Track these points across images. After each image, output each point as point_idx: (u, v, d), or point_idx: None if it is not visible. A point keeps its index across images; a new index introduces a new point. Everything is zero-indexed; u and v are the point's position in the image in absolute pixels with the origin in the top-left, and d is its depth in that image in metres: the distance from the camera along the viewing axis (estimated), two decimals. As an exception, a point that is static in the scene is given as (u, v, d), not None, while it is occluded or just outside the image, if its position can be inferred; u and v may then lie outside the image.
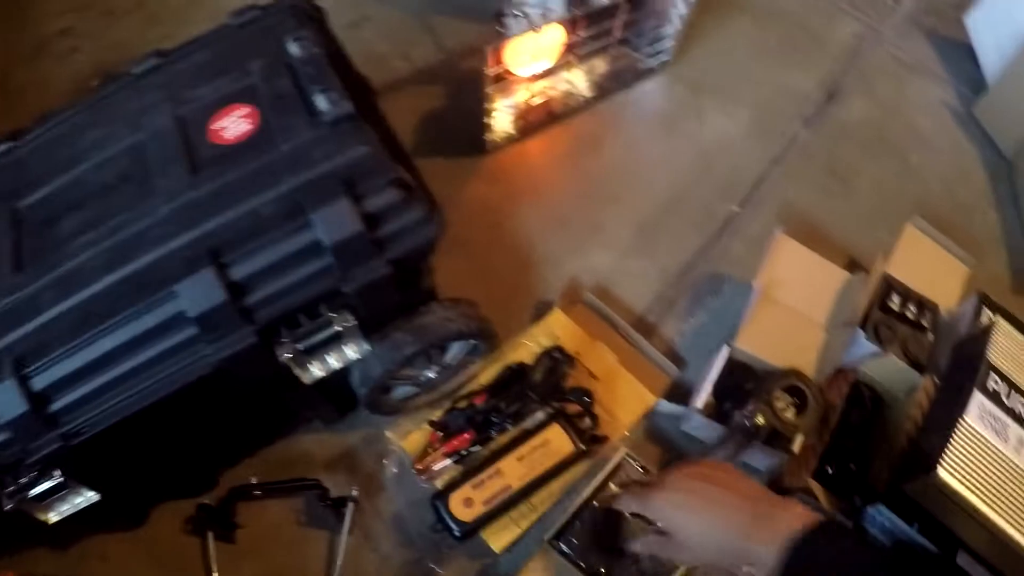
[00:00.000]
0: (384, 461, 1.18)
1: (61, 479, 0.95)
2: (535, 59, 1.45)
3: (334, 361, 1.03)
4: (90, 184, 1.02)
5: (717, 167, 1.54)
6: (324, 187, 0.91)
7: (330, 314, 0.96)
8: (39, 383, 0.91)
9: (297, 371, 1.00)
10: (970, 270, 1.36)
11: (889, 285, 1.26)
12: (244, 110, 1.00)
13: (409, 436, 1.18)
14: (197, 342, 0.93)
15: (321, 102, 0.96)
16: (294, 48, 1.04)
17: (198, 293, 0.90)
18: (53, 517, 1.01)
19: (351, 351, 1.02)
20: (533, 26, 1.34)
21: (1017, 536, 0.97)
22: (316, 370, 1.02)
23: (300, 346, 0.96)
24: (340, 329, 0.97)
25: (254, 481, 1.16)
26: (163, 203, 0.94)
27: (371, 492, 1.18)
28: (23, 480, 0.94)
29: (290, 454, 1.21)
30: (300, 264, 0.93)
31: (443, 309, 1.10)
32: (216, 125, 1.00)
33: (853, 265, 1.40)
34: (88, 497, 1.01)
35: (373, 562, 1.14)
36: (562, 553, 1.09)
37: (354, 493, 1.16)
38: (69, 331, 0.91)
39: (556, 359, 1.20)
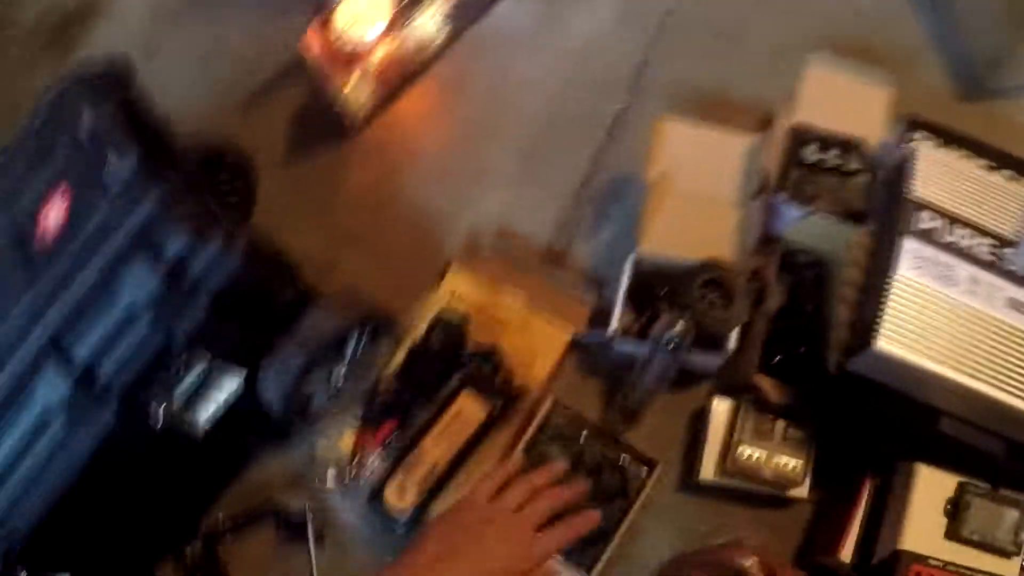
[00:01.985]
0: (324, 476, 1.16)
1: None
2: (369, 21, 1.35)
3: (217, 399, 1.05)
4: None
5: (593, 68, 1.45)
6: (127, 250, 0.94)
7: (181, 364, 0.99)
8: None
9: (186, 426, 1.03)
10: (893, 92, 1.22)
11: (800, 135, 1.16)
12: (59, 195, 1.03)
13: (341, 439, 1.15)
14: (69, 435, 0.97)
15: (111, 161, 0.98)
16: (85, 118, 1.04)
17: (50, 387, 0.96)
18: None
19: (227, 385, 1.05)
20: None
21: (991, 391, 0.89)
22: (203, 414, 1.05)
23: (170, 400, 1.00)
24: (200, 370, 1.00)
25: (221, 519, 1.17)
26: (8, 313, 1.00)
27: (327, 503, 1.17)
28: None
29: (254, 483, 1.21)
30: (128, 330, 0.95)
31: (318, 310, 1.08)
32: (42, 218, 1.03)
33: (759, 124, 1.29)
34: None
35: (350, 569, 1.14)
36: None
37: (307, 508, 1.15)
38: None
39: (447, 322, 1.15)
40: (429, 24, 1.45)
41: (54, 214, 1.02)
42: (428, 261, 1.30)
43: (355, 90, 1.39)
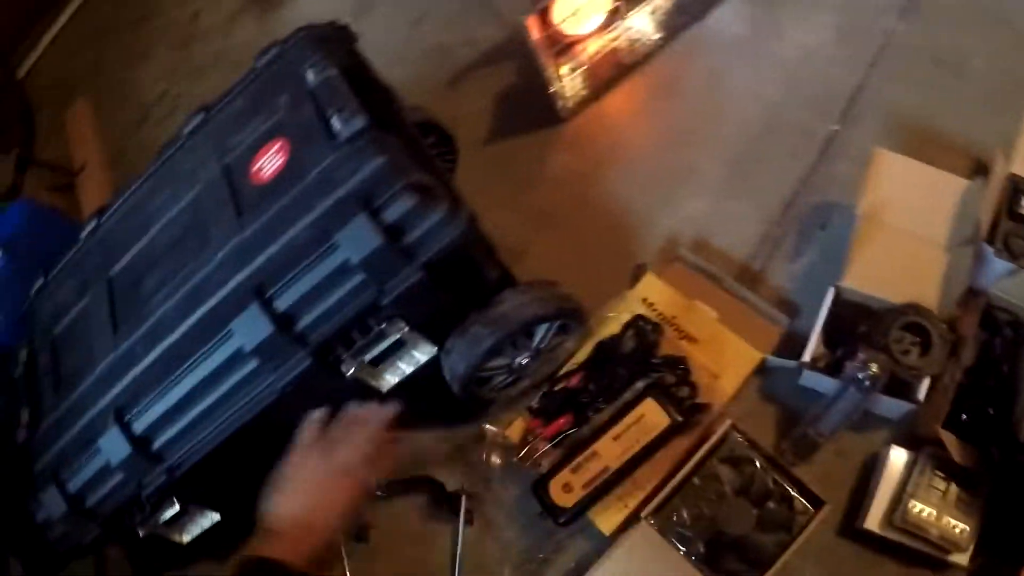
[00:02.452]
0: (488, 454, 1.19)
1: (177, 506, 1.08)
2: (588, 13, 1.37)
3: (404, 366, 1.09)
4: (162, 244, 1.13)
5: (808, 84, 1.41)
6: (346, 206, 0.95)
7: (381, 326, 1.01)
8: (139, 427, 1.03)
9: (371, 382, 1.07)
10: None
11: (1016, 186, 1.11)
12: (276, 145, 1.05)
13: (511, 425, 1.19)
14: (262, 372, 1.01)
15: (337, 123, 0.99)
16: (310, 75, 1.07)
17: (249, 329, 0.98)
18: (185, 538, 1.15)
19: (418, 354, 1.08)
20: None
21: None
22: (389, 377, 1.09)
23: (361, 359, 1.03)
24: (397, 337, 1.03)
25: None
26: (217, 250, 1.02)
27: (487, 483, 1.19)
28: (147, 510, 1.07)
29: (411, 453, 1.24)
30: (337, 285, 0.98)
31: (517, 295, 1.10)
32: (256, 166, 1.06)
33: (981, 168, 1.23)
34: (212, 518, 1.15)
35: (495, 551, 1.16)
36: (661, 531, 1.06)
37: (466, 487, 1.19)
38: (156, 378, 1.03)
39: (642, 328, 1.16)
40: (645, 22, 1.46)
41: (270, 163, 1.04)
42: (620, 259, 1.30)
43: (569, 78, 1.40)
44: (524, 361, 1.17)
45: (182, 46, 2.01)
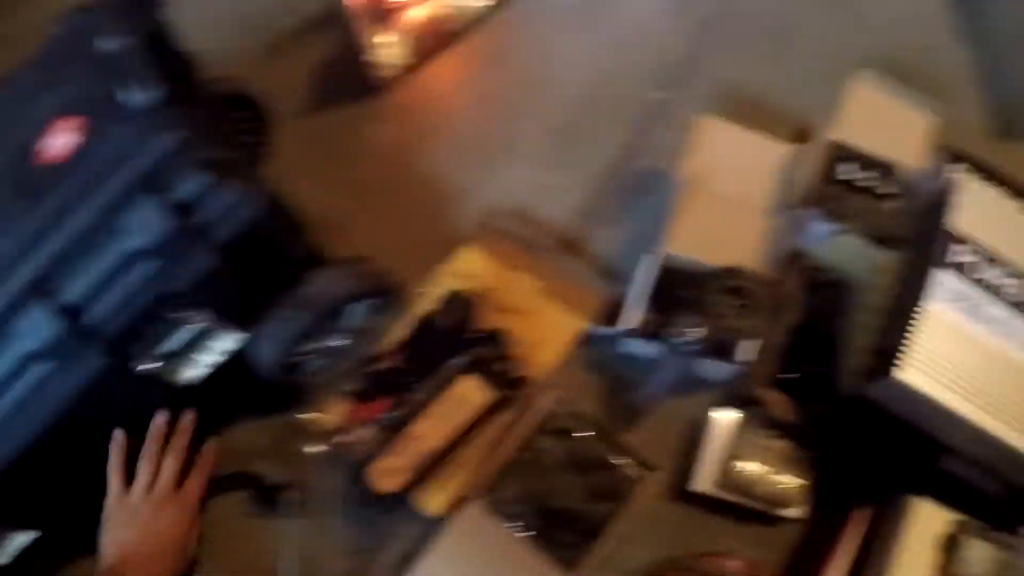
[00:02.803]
0: (307, 443, 1.14)
1: None
2: (410, -22, 1.32)
3: (208, 358, 1.03)
4: None
5: (638, 54, 1.40)
6: (136, 187, 0.90)
7: (177, 316, 0.96)
8: None
9: (171, 377, 1.01)
10: (936, 120, 1.18)
11: (836, 152, 1.12)
12: (70, 122, 0.98)
13: (330, 411, 1.13)
14: (54, 375, 0.93)
15: (132, 96, 0.94)
16: (107, 44, 1.00)
17: (33, 329, 0.91)
18: (3, 560, 1.05)
19: (223, 345, 1.02)
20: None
21: (1007, 432, 0.87)
22: (190, 372, 1.03)
23: (157, 353, 0.97)
24: (198, 327, 0.98)
25: None
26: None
27: (309, 474, 1.14)
28: None
29: (232, 448, 1.17)
30: (126, 274, 0.92)
31: (326, 274, 1.05)
32: (46, 145, 0.98)
33: (805, 136, 1.23)
34: (30, 536, 1.05)
35: (324, 543, 1.11)
36: (490, 509, 1.04)
37: (288, 479, 1.13)
38: None
39: (456, 302, 1.12)
40: (471, -11, 1.42)
41: (60, 142, 0.97)
42: (442, 232, 1.27)
43: (390, 46, 1.35)
44: (338, 343, 1.13)
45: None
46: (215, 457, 1.11)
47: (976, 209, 0.97)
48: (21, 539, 1.06)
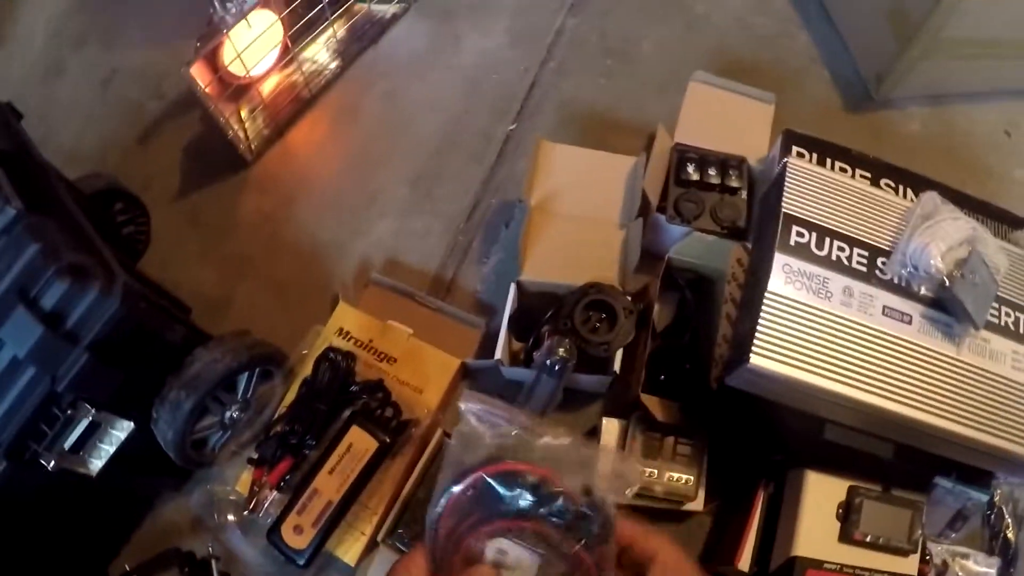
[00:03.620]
0: (222, 514, 1.15)
1: None
2: (260, 53, 1.37)
3: (107, 446, 1.05)
4: None
5: (485, 89, 1.46)
6: (7, 301, 0.93)
7: (66, 413, 0.99)
8: None
9: (79, 470, 1.04)
10: (773, 108, 1.27)
11: (680, 153, 1.19)
12: None
13: (238, 480, 1.16)
14: None
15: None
16: None
17: None
18: None
19: (117, 432, 1.05)
20: (234, 21, 1.28)
21: (869, 397, 0.89)
22: (95, 462, 1.05)
23: (58, 450, 1.00)
24: (88, 420, 1.00)
25: (127, 568, 1.14)
26: None
27: (229, 543, 1.15)
28: None
29: (161, 526, 1.22)
30: (12, 383, 0.95)
31: (207, 352, 1.08)
32: None
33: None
34: None
35: None
36: (398, 549, 1.08)
37: (211, 550, 1.15)
38: None
39: (333, 359, 1.15)
40: (321, 53, 1.47)
41: None
42: (321, 292, 1.31)
43: (246, 121, 1.40)
44: (235, 414, 1.16)
45: None
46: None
47: (811, 189, 0.99)
48: None
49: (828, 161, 1.10)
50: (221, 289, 1.31)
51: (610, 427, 1.10)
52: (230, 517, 1.14)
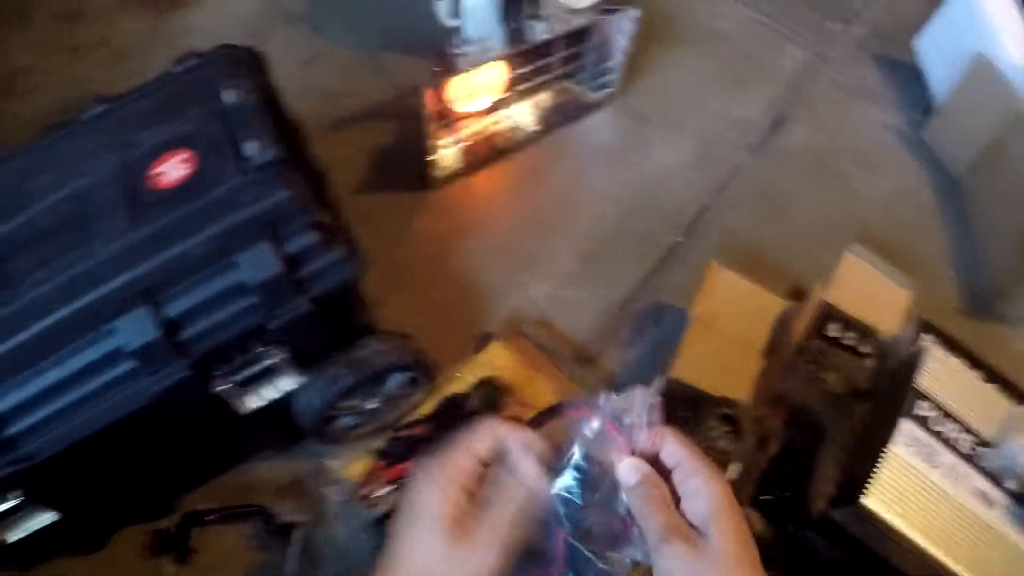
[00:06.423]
0: (326, 489, 1.24)
1: (21, 499, 1.03)
2: (478, 95, 1.53)
3: (269, 393, 1.11)
4: (39, 226, 1.09)
5: (661, 197, 1.61)
6: (249, 230, 0.99)
7: (260, 349, 1.05)
8: None
9: (233, 402, 1.09)
10: (912, 294, 1.41)
11: (827, 312, 1.32)
12: (182, 155, 1.07)
13: (353, 464, 1.24)
14: (137, 375, 1.01)
15: (250, 149, 1.04)
16: (228, 96, 1.11)
17: (134, 330, 0.98)
18: (10, 537, 1.08)
19: (285, 383, 1.11)
20: (473, 64, 1.43)
21: (948, 561, 1.03)
22: (251, 401, 1.11)
23: (235, 379, 1.05)
24: (272, 363, 1.06)
25: (205, 507, 1.23)
26: (105, 244, 1.01)
27: (319, 518, 1.24)
28: None
29: (244, 481, 1.28)
30: (228, 302, 1.01)
31: (378, 343, 1.17)
32: (156, 170, 1.07)
33: (796, 292, 1.46)
34: (45, 519, 1.08)
35: None
36: None
37: (299, 519, 1.22)
38: (21, 362, 0.98)
39: (492, 389, 1.26)
40: (526, 115, 1.63)
41: (172, 171, 1.05)
42: (465, 323, 1.42)
43: (449, 149, 1.55)
44: (372, 406, 1.25)
45: (67, 19, 1.94)
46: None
47: (940, 373, 1.17)
48: (37, 521, 1.09)
49: (954, 352, 1.24)
50: (375, 290, 1.36)
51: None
52: (333, 495, 1.23)
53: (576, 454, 0.68)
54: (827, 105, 1.81)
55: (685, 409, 1.25)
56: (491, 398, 1.27)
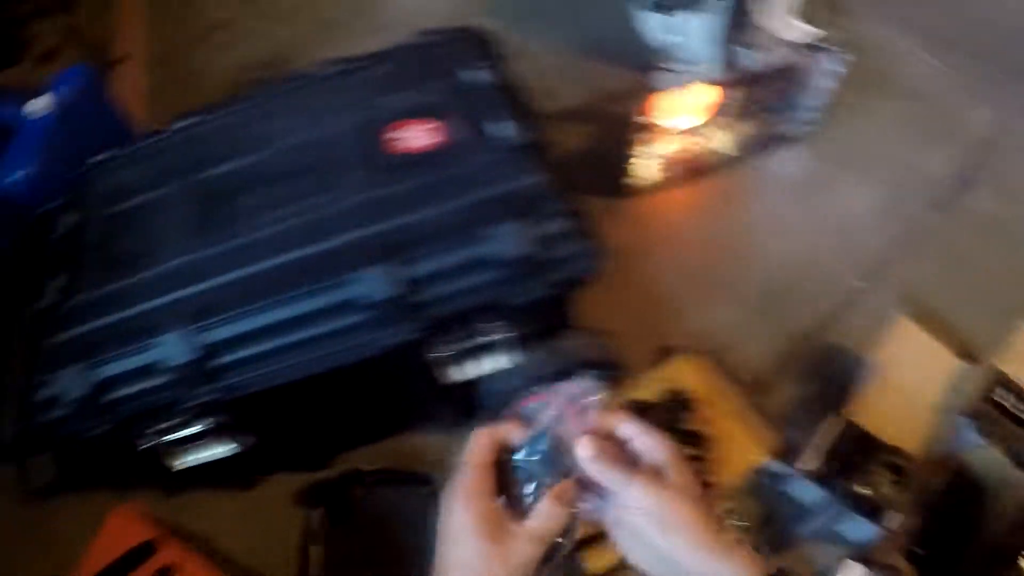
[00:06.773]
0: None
1: (211, 425, 1.06)
2: (683, 113, 1.56)
3: (475, 368, 1.13)
4: (272, 168, 1.16)
5: (846, 240, 1.63)
6: (500, 207, 1.04)
7: (488, 324, 1.07)
8: (211, 338, 1.03)
9: (440, 371, 1.11)
10: None
11: (997, 380, 1.34)
12: (429, 124, 1.13)
13: None
14: (359, 329, 1.05)
15: (502, 129, 1.09)
16: (473, 75, 1.17)
17: (377, 284, 1.02)
18: (179, 464, 1.12)
19: (497, 362, 1.13)
20: (685, 82, 1.48)
21: None
22: (456, 374, 1.13)
23: (454, 348, 1.08)
24: (494, 339, 1.08)
25: (369, 467, 1.27)
26: (348, 196, 1.08)
27: None
28: (170, 423, 1.05)
29: (402, 449, 1.32)
30: (469, 273, 1.05)
31: (580, 337, 1.21)
32: (395, 134, 1.13)
33: (964, 353, 1.46)
34: (218, 452, 1.12)
35: None
36: None
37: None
38: (240, 297, 1.04)
39: (679, 400, 1.30)
40: (725, 139, 1.66)
41: (416, 137, 1.11)
42: (648, 333, 1.45)
43: (649, 161, 1.59)
44: None
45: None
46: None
47: None
48: (210, 452, 1.12)
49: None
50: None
51: (853, 570, 1.20)
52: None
53: (541, 433, 0.78)
54: (1017, 172, 1.80)
55: (855, 450, 1.28)
56: (679, 407, 1.30)
